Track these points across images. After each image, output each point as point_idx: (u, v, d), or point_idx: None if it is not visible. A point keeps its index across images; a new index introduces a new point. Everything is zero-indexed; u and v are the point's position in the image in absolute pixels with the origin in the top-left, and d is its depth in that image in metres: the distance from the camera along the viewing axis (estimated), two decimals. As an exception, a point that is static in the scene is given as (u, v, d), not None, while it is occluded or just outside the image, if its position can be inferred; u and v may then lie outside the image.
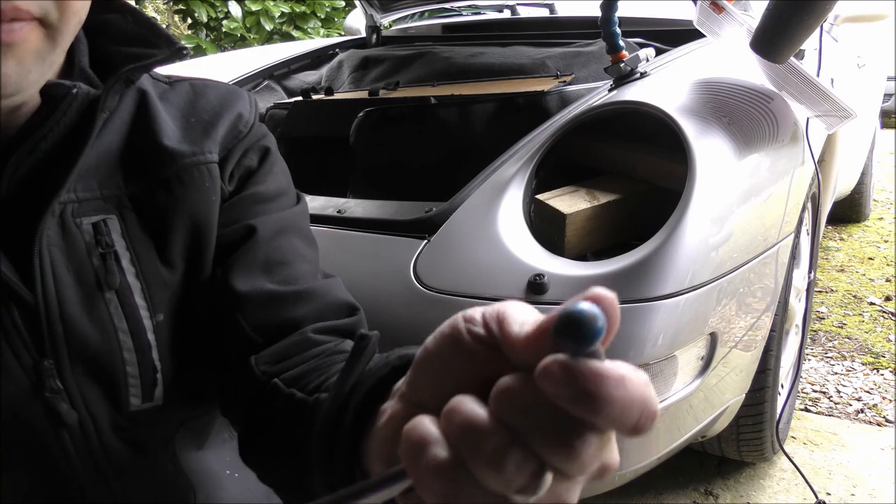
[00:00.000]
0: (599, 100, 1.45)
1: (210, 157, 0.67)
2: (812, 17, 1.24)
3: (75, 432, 0.60)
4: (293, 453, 0.55)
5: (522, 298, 1.15)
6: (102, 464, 0.62)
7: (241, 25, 5.20)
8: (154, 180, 0.64)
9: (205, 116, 0.68)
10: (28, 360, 0.57)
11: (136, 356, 0.62)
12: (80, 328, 0.59)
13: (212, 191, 0.67)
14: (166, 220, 0.64)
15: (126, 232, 0.62)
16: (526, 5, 3.10)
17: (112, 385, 0.61)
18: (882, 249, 3.47)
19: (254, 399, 0.61)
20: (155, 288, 0.63)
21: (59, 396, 0.58)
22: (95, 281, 0.60)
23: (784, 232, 1.44)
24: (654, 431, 1.24)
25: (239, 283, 0.65)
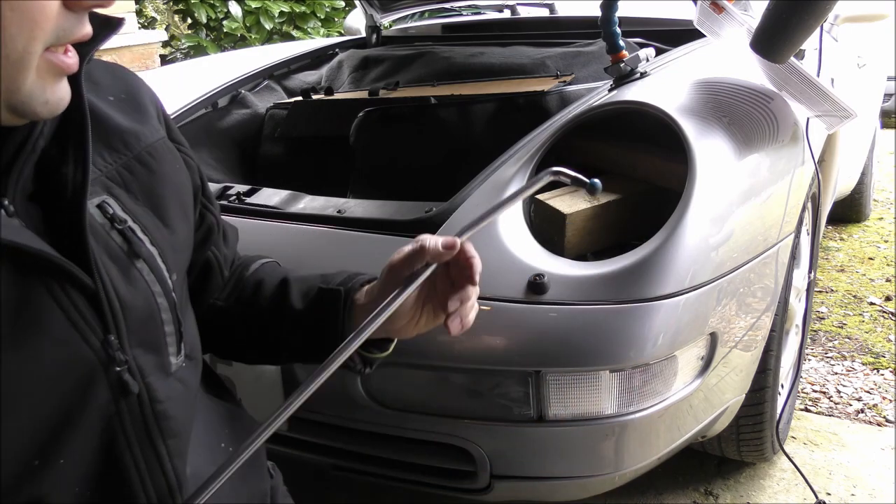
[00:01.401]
0: (599, 100, 1.45)
1: (160, 133, 0.74)
2: (812, 17, 1.24)
3: (132, 401, 0.64)
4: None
5: (522, 298, 1.15)
6: (153, 428, 0.65)
7: (241, 25, 5.20)
8: (126, 158, 0.68)
9: (122, 95, 0.73)
10: (95, 340, 0.60)
11: (170, 315, 0.68)
12: (130, 300, 0.64)
13: (175, 158, 0.76)
14: (154, 190, 0.70)
15: (124, 208, 0.66)
16: (526, 5, 3.10)
17: (158, 348, 0.67)
18: (882, 249, 3.47)
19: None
20: (167, 251, 0.69)
21: (124, 369, 0.62)
22: (125, 255, 0.65)
23: (784, 232, 1.44)
24: (655, 431, 1.24)
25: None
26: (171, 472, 0.68)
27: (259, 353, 0.93)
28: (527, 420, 1.18)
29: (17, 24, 0.51)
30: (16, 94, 0.53)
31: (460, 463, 1.25)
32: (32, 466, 0.58)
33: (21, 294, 0.56)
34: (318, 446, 1.32)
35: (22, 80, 0.53)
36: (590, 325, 1.12)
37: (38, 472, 0.58)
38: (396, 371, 1.20)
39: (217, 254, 0.88)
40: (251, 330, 0.90)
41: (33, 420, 0.58)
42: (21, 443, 0.57)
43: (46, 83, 0.55)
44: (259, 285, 0.90)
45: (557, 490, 1.29)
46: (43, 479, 0.59)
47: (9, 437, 0.56)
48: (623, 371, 1.14)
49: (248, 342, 0.92)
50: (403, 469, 1.31)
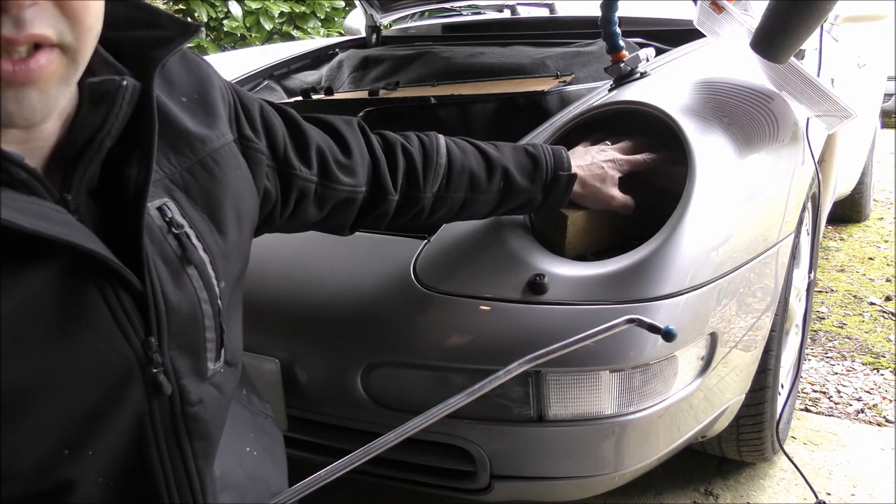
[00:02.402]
0: (599, 100, 1.45)
1: (228, 137, 0.75)
2: (812, 17, 1.24)
3: (164, 401, 0.65)
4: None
5: (522, 298, 1.15)
6: (181, 429, 0.67)
7: (241, 25, 5.20)
8: (190, 162, 0.69)
9: (195, 95, 0.73)
10: (136, 340, 0.62)
11: (213, 321, 0.70)
12: (176, 304, 0.65)
13: (238, 165, 0.77)
14: (212, 195, 0.71)
15: (183, 212, 0.68)
16: (526, 5, 3.10)
17: (196, 353, 0.69)
18: (882, 249, 3.47)
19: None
20: (218, 258, 0.71)
21: (160, 371, 0.64)
22: (178, 260, 0.66)
23: (784, 232, 1.44)
24: (655, 431, 1.24)
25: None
26: (195, 472, 0.69)
27: (471, 216, 1.14)
28: (527, 420, 1.18)
29: None
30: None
31: (460, 463, 1.25)
32: (62, 455, 0.60)
33: (72, 289, 0.58)
34: (318, 446, 1.32)
35: None
36: (590, 325, 1.12)
37: (67, 460, 0.60)
38: (396, 371, 1.20)
39: (340, 188, 0.94)
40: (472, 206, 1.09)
41: (68, 411, 0.59)
42: (53, 432, 0.59)
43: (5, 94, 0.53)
44: (472, 175, 1.07)
45: (557, 490, 1.29)
46: (70, 468, 0.60)
47: (42, 425, 0.58)
48: (623, 371, 1.14)
49: (462, 213, 1.10)
50: (403, 469, 1.31)
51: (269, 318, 1.27)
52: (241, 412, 0.85)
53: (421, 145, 1.05)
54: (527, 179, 1.10)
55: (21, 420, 0.56)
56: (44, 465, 0.59)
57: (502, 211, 1.15)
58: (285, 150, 0.87)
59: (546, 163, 1.11)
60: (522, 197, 1.11)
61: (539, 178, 1.11)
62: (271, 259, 1.27)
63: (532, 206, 1.14)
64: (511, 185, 1.09)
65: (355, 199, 0.97)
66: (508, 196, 1.11)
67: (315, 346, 1.24)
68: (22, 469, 0.58)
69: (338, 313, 1.23)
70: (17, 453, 0.57)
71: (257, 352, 1.26)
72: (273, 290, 1.27)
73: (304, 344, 1.25)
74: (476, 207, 1.11)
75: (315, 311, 1.25)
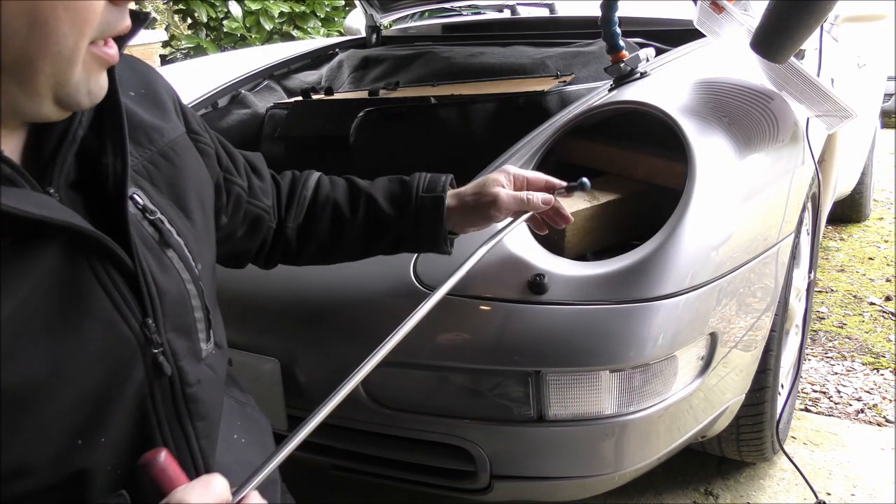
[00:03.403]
0: (599, 100, 1.45)
1: (180, 129, 0.77)
2: (812, 17, 1.24)
3: (165, 383, 0.66)
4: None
5: (522, 298, 1.15)
6: (182, 410, 0.68)
7: (241, 25, 5.20)
8: (150, 153, 0.71)
9: (141, 90, 0.75)
10: (135, 322, 0.63)
11: (199, 301, 0.71)
12: (165, 286, 0.66)
13: (195, 155, 0.79)
14: (176, 183, 0.73)
15: (151, 200, 0.69)
16: (526, 5, 3.10)
17: (190, 334, 0.70)
18: (882, 249, 3.47)
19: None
20: (191, 242, 0.72)
21: (160, 352, 0.65)
22: (157, 244, 0.67)
23: (784, 232, 1.44)
24: (655, 431, 1.24)
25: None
26: (198, 452, 0.71)
27: (346, 256, 1.09)
28: (527, 420, 1.18)
29: (70, 23, 0.53)
30: (64, 87, 0.56)
31: (460, 463, 1.25)
32: (76, 445, 0.60)
33: (68, 275, 0.58)
34: (318, 446, 1.32)
35: (71, 74, 0.55)
36: (590, 325, 1.12)
37: (81, 449, 0.61)
38: (396, 371, 1.20)
39: (259, 205, 0.96)
40: (339, 242, 1.05)
41: (78, 400, 0.60)
42: (66, 423, 0.59)
43: (91, 75, 0.57)
44: (335, 205, 1.04)
45: (557, 490, 1.29)
46: (84, 456, 0.61)
47: (55, 417, 0.58)
48: (623, 371, 1.14)
49: (334, 251, 1.07)
50: (403, 469, 1.31)
51: (270, 318, 1.27)
52: (227, 401, 0.86)
53: (291, 178, 1.06)
54: (393, 207, 1.04)
55: (35, 413, 0.57)
56: (60, 457, 0.60)
57: (381, 248, 1.07)
58: (225, 157, 0.90)
59: (417, 188, 1.04)
60: (394, 228, 1.04)
61: (407, 205, 1.03)
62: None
63: (408, 238, 1.06)
64: (377, 214, 1.03)
65: (263, 220, 0.98)
66: (378, 228, 1.04)
67: (315, 346, 1.24)
68: (39, 462, 0.58)
69: (338, 313, 1.23)
70: (32, 447, 0.58)
71: (257, 352, 1.26)
72: (273, 290, 1.27)
73: (304, 344, 1.25)
74: (347, 243, 1.05)
75: (315, 311, 1.25)
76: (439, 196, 1.03)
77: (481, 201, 1.04)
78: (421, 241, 1.06)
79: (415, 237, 1.05)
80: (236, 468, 0.79)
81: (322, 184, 1.06)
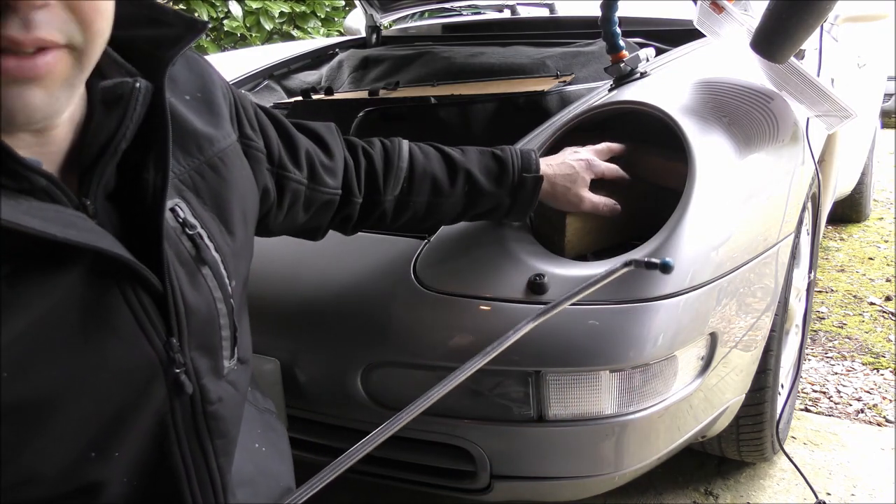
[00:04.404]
0: (599, 100, 1.45)
1: (232, 137, 0.76)
2: (812, 17, 1.24)
3: (186, 401, 0.66)
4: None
5: (522, 298, 1.15)
6: (202, 427, 0.68)
7: (241, 25, 5.20)
8: (198, 162, 0.70)
9: (198, 94, 0.73)
10: (158, 341, 0.63)
11: (228, 320, 0.71)
12: (194, 304, 0.66)
13: (243, 164, 0.78)
14: (221, 195, 0.72)
15: (194, 212, 0.68)
16: (526, 5, 3.10)
17: (214, 352, 0.70)
18: (882, 249, 3.47)
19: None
20: (228, 258, 0.71)
21: (182, 371, 0.64)
22: (192, 260, 0.67)
23: (784, 232, 1.44)
24: (655, 431, 1.24)
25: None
26: (216, 470, 0.70)
27: (437, 222, 1.13)
28: (527, 420, 1.18)
29: None
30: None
31: (460, 463, 1.25)
32: (90, 457, 0.60)
33: (95, 293, 0.58)
34: (318, 446, 1.32)
35: None
36: (590, 325, 1.12)
37: (94, 462, 0.60)
38: (396, 371, 1.20)
39: (324, 190, 0.95)
40: (436, 212, 1.09)
41: (94, 414, 0.59)
42: (79, 435, 0.59)
43: (7, 91, 0.52)
44: (434, 179, 1.06)
45: (557, 490, 1.29)
46: (97, 469, 0.61)
47: (69, 429, 0.58)
48: (623, 371, 1.14)
49: (427, 219, 1.10)
50: (403, 469, 1.31)
51: (270, 318, 1.27)
52: (248, 409, 0.86)
53: (383, 149, 1.06)
54: (492, 183, 1.08)
55: (48, 424, 0.57)
56: (71, 468, 0.59)
57: (470, 216, 1.13)
58: (279, 153, 0.88)
59: (513, 165, 1.10)
60: (489, 200, 1.10)
61: (505, 181, 1.09)
62: (272, 259, 1.27)
63: (501, 209, 1.13)
64: (476, 188, 1.08)
65: (334, 202, 0.98)
66: (475, 200, 1.09)
67: (315, 346, 1.24)
68: (50, 472, 0.58)
69: (338, 313, 1.23)
70: (43, 456, 0.57)
71: (257, 352, 1.26)
72: (273, 289, 1.27)
73: (304, 344, 1.25)
74: (442, 212, 1.09)
75: (315, 311, 1.25)
76: (538, 177, 1.11)
77: (568, 196, 1.16)
78: (511, 213, 1.14)
79: (507, 210, 1.13)
80: (260, 480, 0.79)
81: (415, 154, 1.07)
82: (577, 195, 1.16)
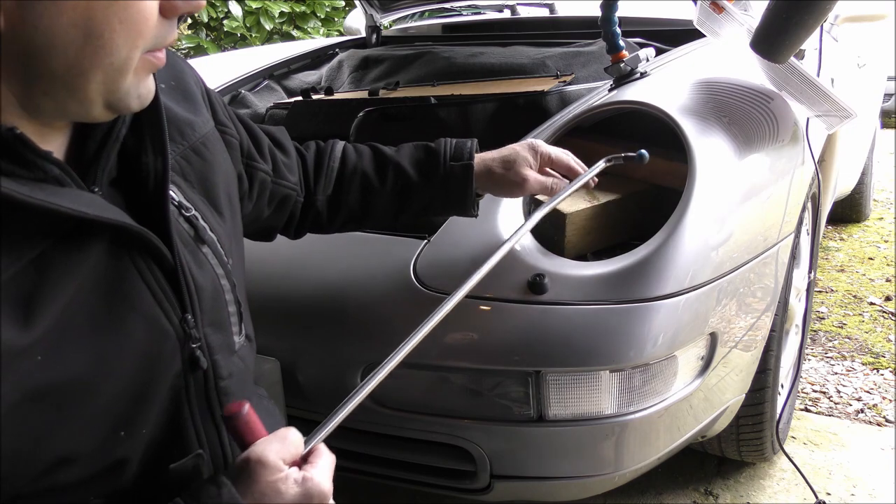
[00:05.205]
0: (599, 100, 1.45)
1: (211, 123, 0.78)
2: (812, 17, 1.24)
3: (199, 377, 0.68)
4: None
5: (522, 298, 1.15)
6: (214, 402, 0.70)
7: (241, 25, 5.20)
8: (183, 148, 0.72)
9: (172, 82, 0.75)
10: (175, 318, 0.65)
11: (232, 295, 0.73)
12: (201, 282, 0.68)
13: (222, 149, 0.80)
14: (207, 179, 0.74)
15: (185, 196, 0.70)
16: (526, 5, 3.10)
17: (224, 328, 0.72)
18: (882, 249, 3.47)
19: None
20: (223, 237, 0.74)
21: (197, 346, 0.67)
22: (193, 240, 0.69)
23: (784, 232, 1.44)
24: (655, 431, 1.24)
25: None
26: (228, 445, 0.72)
27: (376, 223, 1.10)
28: (527, 420, 1.18)
29: (124, 35, 0.54)
30: (115, 94, 0.57)
31: (460, 463, 1.25)
32: (119, 436, 0.62)
33: (114, 273, 0.60)
34: (318, 446, 1.32)
35: (122, 82, 0.56)
36: (590, 325, 1.12)
37: (123, 440, 0.62)
38: (397, 371, 1.20)
39: (285, 184, 0.97)
40: (370, 210, 1.07)
41: (123, 392, 0.61)
42: (110, 414, 0.61)
43: (140, 80, 0.58)
44: (364, 175, 1.05)
45: (557, 490, 1.29)
46: (126, 447, 0.63)
47: (101, 409, 0.59)
48: (623, 371, 1.14)
49: (364, 219, 1.09)
50: (403, 469, 1.31)
51: (269, 318, 1.27)
52: None
53: (317, 150, 1.07)
54: (422, 175, 1.06)
55: (82, 406, 0.58)
56: (103, 446, 0.61)
57: (409, 214, 1.10)
58: (248, 144, 0.91)
59: (444, 156, 1.07)
60: (423, 194, 1.07)
61: (435, 171, 1.06)
62: (271, 259, 1.27)
63: (437, 204, 1.09)
64: (406, 182, 1.06)
65: (291, 197, 1.00)
66: (407, 195, 1.07)
67: (315, 346, 1.24)
68: (85, 451, 0.60)
69: (338, 313, 1.23)
70: (79, 437, 0.59)
71: (257, 351, 1.26)
72: (273, 289, 1.27)
73: (304, 343, 1.25)
74: (377, 211, 1.08)
75: (315, 311, 1.25)
76: (468, 164, 1.06)
77: (509, 178, 1.07)
78: (449, 205, 1.10)
79: (443, 202, 1.09)
80: None
81: (348, 153, 1.07)
82: (520, 175, 1.07)
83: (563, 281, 1.14)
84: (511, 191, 1.10)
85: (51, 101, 0.55)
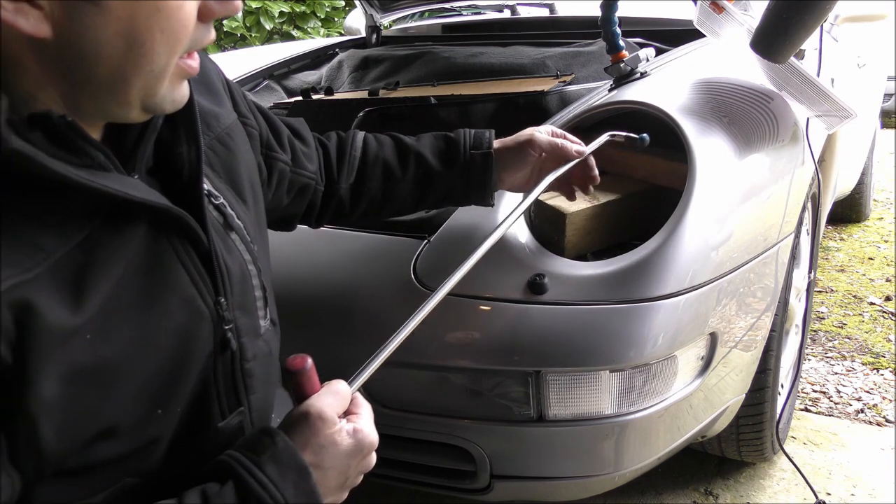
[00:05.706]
0: (599, 100, 1.45)
1: (233, 114, 0.81)
2: (812, 17, 1.24)
3: (227, 358, 0.70)
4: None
5: (522, 298, 1.15)
6: (239, 384, 0.72)
7: (241, 25, 5.20)
8: (209, 138, 0.74)
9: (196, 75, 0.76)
10: (210, 300, 0.67)
11: (258, 280, 0.76)
12: (231, 266, 0.71)
13: (245, 140, 0.83)
14: (232, 169, 0.77)
15: (213, 185, 0.72)
16: (526, 5, 3.10)
17: (251, 312, 0.74)
18: (882, 249, 3.47)
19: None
20: (248, 224, 0.76)
21: (229, 328, 0.69)
22: (222, 227, 0.72)
23: (784, 232, 1.44)
24: (655, 431, 1.24)
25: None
26: (250, 426, 0.74)
27: (396, 211, 1.13)
28: (527, 420, 1.18)
29: (164, 43, 0.57)
30: (152, 98, 0.59)
31: (460, 463, 1.25)
32: (156, 414, 0.64)
33: (154, 255, 0.63)
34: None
35: (159, 87, 0.59)
36: (590, 325, 1.12)
37: (160, 419, 0.64)
38: (396, 371, 1.20)
39: (304, 173, 1.00)
40: (391, 198, 1.09)
41: (161, 371, 0.63)
42: (148, 393, 0.62)
43: (175, 85, 0.61)
44: (385, 164, 1.08)
45: (557, 490, 1.29)
46: (161, 425, 0.65)
47: (140, 388, 0.61)
48: (623, 371, 1.14)
49: (384, 207, 1.11)
50: (403, 469, 1.31)
51: (269, 318, 1.27)
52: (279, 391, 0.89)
53: (338, 139, 1.09)
54: (443, 163, 1.09)
55: (126, 384, 0.60)
56: (141, 424, 0.62)
57: (429, 202, 1.13)
58: (267, 135, 0.93)
59: (464, 145, 1.10)
60: (443, 182, 1.10)
61: (456, 160, 1.09)
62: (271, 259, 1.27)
63: (457, 192, 1.12)
64: (427, 170, 1.09)
65: (311, 186, 1.02)
66: (428, 183, 1.10)
67: (314, 346, 1.24)
68: (124, 427, 0.61)
69: (338, 313, 1.23)
70: (119, 411, 0.60)
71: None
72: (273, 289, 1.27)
73: (304, 343, 1.25)
74: (398, 198, 1.10)
75: (315, 311, 1.25)
76: (487, 153, 1.09)
77: (519, 140, 1.11)
78: (469, 193, 1.12)
79: (464, 191, 1.11)
80: None
81: (369, 143, 1.09)
82: (525, 134, 1.13)
83: (563, 281, 1.14)
84: (523, 153, 1.11)
85: (94, 104, 0.58)
